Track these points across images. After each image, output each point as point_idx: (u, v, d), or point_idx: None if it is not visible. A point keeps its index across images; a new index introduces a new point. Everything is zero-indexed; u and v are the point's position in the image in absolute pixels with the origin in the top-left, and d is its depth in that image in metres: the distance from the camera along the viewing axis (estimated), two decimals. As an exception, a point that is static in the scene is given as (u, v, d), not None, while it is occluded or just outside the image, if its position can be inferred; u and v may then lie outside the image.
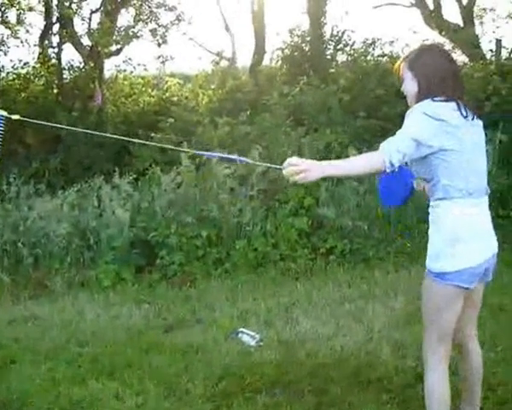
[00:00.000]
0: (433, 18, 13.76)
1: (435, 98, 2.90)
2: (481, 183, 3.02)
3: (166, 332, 5.20)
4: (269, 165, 3.34)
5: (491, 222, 3.07)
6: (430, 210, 3.06)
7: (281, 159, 3.20)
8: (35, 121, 4.10)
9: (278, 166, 2.94)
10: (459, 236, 2.92)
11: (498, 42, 11.88)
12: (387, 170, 2.80)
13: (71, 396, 4.03)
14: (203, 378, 4.21)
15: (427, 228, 3.08)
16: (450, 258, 2.93)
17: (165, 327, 5.30)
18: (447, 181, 2.92)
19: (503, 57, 11.68)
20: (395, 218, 7.48)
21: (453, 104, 2.91)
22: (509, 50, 11.52)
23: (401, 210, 7.45)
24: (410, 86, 3.02)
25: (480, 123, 3.04)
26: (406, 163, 2.99)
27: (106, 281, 6.57)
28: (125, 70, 13.60)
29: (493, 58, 11.91)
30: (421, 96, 2.95)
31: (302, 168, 2.80)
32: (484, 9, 14.70)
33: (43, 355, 4.70)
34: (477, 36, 13.20)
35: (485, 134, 3.11)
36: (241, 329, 5.05)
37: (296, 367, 4.35)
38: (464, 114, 2.92)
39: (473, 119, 2.97)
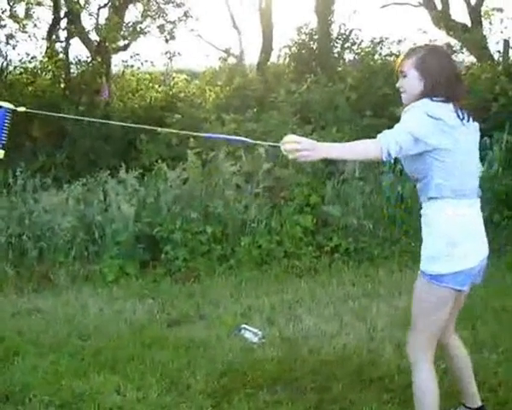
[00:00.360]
0: (441, 18, 13.71)
1: (434, 98, 2.91)
2: (474, 184, 3.03)
3: (170, 327, 5.20)
4: (266, 143, 3.30)
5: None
6: (422, 212, 3.06)
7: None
8: (40, 112, 4.13)
9: (275, 144, 2.86)
10: (453, 237, 2.92)
11: (506, 42, 11.85)
12: (384, 159, 2.81)
13: (73, 389, 4.04)
14: (205, 374, 4.21)
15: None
16: (445, 260, 2.93)
17: (168, 322, 5.30)
18: (441, 180, 2.91)
19: (511, 58, 11.64)
20: (400, 217, 7.47)
21: (450, 106, 2.92)
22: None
23: (406, 210, 7.45)
24: (414, 85, 2.99)
25: (476, 125, 3.05)
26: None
27: (110, 275, 6.57)
28: (132, 65, 13.65)
29: (501, 59, 11.88)
30: (424, 96, 2.95)
31: (305, 146, 2.75)
32: (493, 9, 14.62)
33: (46, 348, 4.71)
34: (485, 36, 13.15)
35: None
36: (244, 325, 5.05)
37: (298, 365, 4.35)
38: (460, 115, 2.93)
39: (468, 121, 2.97)
